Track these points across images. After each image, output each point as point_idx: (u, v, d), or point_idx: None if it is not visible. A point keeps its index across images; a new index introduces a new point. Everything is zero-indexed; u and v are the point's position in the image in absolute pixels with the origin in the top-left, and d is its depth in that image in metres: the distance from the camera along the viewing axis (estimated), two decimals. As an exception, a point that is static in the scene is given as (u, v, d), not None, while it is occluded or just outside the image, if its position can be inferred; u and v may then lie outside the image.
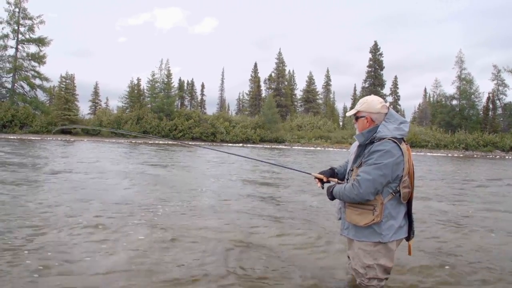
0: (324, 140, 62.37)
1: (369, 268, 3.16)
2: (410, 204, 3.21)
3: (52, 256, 4.15)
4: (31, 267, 3.80)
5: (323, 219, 6.70)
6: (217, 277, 3.75)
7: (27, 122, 55.16)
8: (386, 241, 3.07)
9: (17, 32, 58.75)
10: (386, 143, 3.01)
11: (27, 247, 4.42)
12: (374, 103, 3.22)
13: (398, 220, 3.11)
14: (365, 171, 3.04)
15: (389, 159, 2.97)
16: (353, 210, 3.17)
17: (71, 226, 5.39)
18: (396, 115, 3.22)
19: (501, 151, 55.28)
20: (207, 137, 60.89)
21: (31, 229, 5.17)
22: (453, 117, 63.02)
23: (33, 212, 6.27)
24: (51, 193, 8.13)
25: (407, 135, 3.20)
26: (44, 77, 59.58)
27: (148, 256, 4.31)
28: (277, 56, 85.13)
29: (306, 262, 4.34)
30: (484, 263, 4.53)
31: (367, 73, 78.52)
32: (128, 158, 20.14)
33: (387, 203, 3.06)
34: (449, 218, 7.13)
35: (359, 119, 3.27)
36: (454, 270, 4.23)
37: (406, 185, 3.09)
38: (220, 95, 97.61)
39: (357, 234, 3.19)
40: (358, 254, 3.21)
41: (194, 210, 7.07)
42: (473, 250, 5.06)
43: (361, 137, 3.21)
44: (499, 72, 63.82)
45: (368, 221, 3.07)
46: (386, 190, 3.05)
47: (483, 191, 11.82)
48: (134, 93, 66.33)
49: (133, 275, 3.75)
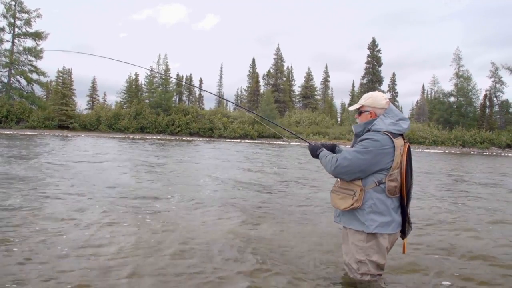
0: (322, 136, 62.44)
1: (361, 263, 3.20)
2: (404, 201, 3.22)
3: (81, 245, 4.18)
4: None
5: (318, 213, 6.74)
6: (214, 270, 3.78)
7: (24, 117, 54.77)
8: (369, 231, 3.11)
9: (13, 26, 58.26)
10: (378, 134, 3.09)
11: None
12: (379, 98, 3.29)
13: (384, 214, 3.13)
14: (348, 151, 3.21)
15: (374, 146, 3.04)
16: (337, 195, 3.30)
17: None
18: (395, 111, 3.27)
19: (498, 148, 55.55)
20: (205, 132, 60.92)
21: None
22: (451, 114, 63.13)
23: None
24: (56, 187, 8.14)
25: (406, 132, 3.24)
26: (41, 71, 59.29)
27: (141, 247, 4.34)
28: (275, 52, 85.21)
29: (300, 256, 4.36)
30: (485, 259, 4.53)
31: (365, 70, 78.51)
32: (148, 155, 20.14)
33: (373, 194, 3.11)
34: (447, 215, 7.17)
35: (363, 114, 3.34)
36: (453, 267, 4.21)
37: (394, 178, 3.12)
38: (218, 90, 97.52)
39: (346, 221, 3.29)
40: (351, 249, 3.26)
41: (196, 204, 7.12)
42: (470, 246, 5.09)
43: (358, 128, 3.32)
44: (496, 69, 63.88)
45: (347, 205, 3.16)
46: (370, 179, 3.12)
47: (484, 187, 11.88)
48: (132, 88, 66.19)
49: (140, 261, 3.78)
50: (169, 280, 3.55)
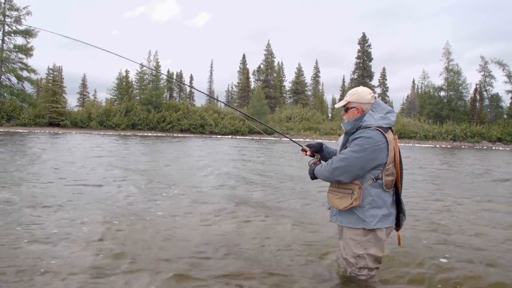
0: (313, 131, 62.60)
1: (359, 257, 3.21)
2: (398, 193, 3.26)
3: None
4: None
5: (314, 207, 6.79)
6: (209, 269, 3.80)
7: (14, 115, 54.37)
8: (370, 228, 3.11)
9: (3, 24, 57.43)
10: (369, 131, 3.08)
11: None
12: (364, 94, 3.27)
13: (383, 209, 3.15)
14: (342, 152, 3.17)
15: (368, 144, 3.03)
16: (334, 195, 3.27)
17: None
18: (382, 105, 3.27)
19: (488, 141, 55.99)
20: (196, 129, 60.85)
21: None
22: (441, 109, 63.36)
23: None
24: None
25: (394, 124, 3.25)
26: (31, 69, 58.57)
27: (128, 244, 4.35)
28: (266, 48, 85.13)
29: (295, 252, 4.40)
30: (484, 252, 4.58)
31: (356, 65, 78.72)
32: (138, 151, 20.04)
33: (371, 190, 3.12)
34: (442, 208, 7.25)
35: (349, 110, 3.32)
36: (451, 260, 4.24)
37: (390, 173, 3.14)
38: (209, 87, 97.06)
39: (343, 220, 3.27)
40: (349, 244, 3.26)
41: (191, 199, 7.14)
42: (471, 238, 5.16)
43: (348, 125, 3.29)
44: (486, 63, 64.07)
45: (346, 205, 3.15)
46: (367, 176, 3.11)
47: (478, 181, 12.01)
48: (122, 85, 65.76)
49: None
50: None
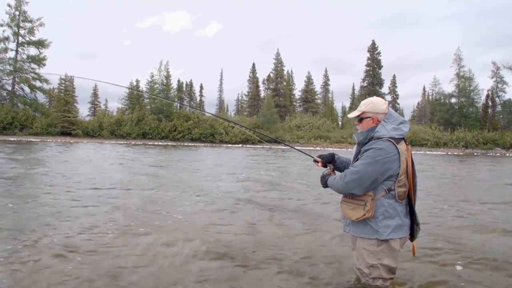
0: (323, 140, 62.39)
1: (373, 267, 3.21)
2: (412, 204, 3.25)
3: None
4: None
5: (331, 216, 6.77)
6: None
7: (27, 124, 55.28)
8: (383, 238, 3.11)
9: (17, 35, 58.97)
10: (381, 142, 3.08)
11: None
12: (379, 104, 3.28)
13: (396, 219, 3.15)
14: (354, 165, 3.17)
15: (380, 156, 3.03)
16: (347, 205, 3.29)
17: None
18: (395, 115, 3.27)
19: (502, 148, 55.11)
20: (206, 138, 61.03)
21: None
22: (452, 115, 62.72)
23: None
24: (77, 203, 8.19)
25: (407, 135, 3.25)
26: (44, 79, 59.57)
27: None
28: (275, 57, 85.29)
29: (313, 260, 4.38)
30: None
31: (366, 72, 78.50)
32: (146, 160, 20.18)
33: (384, 201, 3.12)
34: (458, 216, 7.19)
35: (364, 120, 3.31)
36: (465, 269, 4.20)
37: (402, 184, 3.14)
38: (219, 96, 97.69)
39: (357, 230, 3.27)
40: (362, 254, 3.26)
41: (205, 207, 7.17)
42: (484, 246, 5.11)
43: (360, 136, 3.29)
44: (498, 69, 63.44)
45: (359, 216, 3.16)
46: (380, 187, 3.11)
47: (493, 187, 11.87)
48: (133, 95, 66.43)
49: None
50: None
